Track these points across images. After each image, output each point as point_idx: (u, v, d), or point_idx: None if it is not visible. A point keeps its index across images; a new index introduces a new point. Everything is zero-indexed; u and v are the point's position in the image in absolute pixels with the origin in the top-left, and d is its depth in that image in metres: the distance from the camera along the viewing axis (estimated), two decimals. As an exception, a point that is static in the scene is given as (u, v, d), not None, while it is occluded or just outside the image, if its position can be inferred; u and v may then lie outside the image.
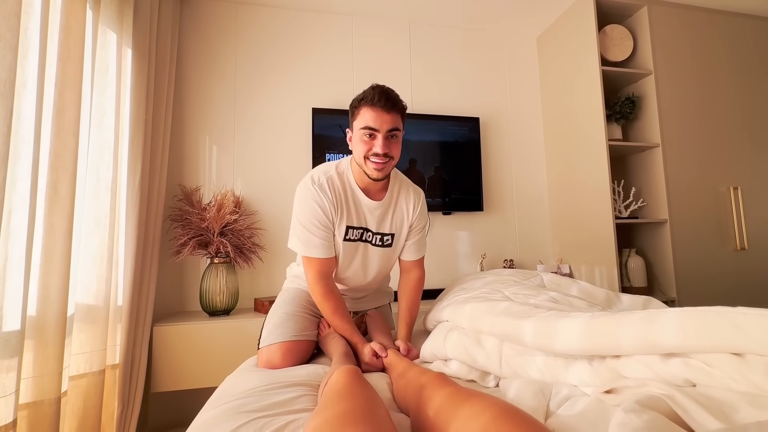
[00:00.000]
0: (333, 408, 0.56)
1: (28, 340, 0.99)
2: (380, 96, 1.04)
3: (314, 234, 1.11)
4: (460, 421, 0.53)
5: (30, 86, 0.99)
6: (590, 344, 0.66)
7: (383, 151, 1.06)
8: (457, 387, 0.64)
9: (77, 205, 1.17)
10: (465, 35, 2.47)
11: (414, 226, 1.26)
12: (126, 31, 1.50)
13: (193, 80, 2.04)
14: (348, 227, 1.16)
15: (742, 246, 2.01)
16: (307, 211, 1.12)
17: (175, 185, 1.91)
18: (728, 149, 2.11)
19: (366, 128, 1.05)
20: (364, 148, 1.07)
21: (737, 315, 0.51)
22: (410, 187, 1.27)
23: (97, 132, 1.37)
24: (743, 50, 2.22)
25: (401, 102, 1.09)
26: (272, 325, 1.12)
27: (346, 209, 1.15)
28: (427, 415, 0.62)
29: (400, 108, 1.09)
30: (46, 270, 1.04)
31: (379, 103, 1.04)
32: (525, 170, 2.48)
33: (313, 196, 1.11)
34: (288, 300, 1.21)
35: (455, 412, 0.55)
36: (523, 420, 0.49)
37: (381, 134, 1.05)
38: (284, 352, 1.04)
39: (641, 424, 0.42)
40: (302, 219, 1.12)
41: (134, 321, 1.49)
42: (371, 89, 1.06)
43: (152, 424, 1.76)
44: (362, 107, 1.06)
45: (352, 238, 1.18)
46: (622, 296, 1.16)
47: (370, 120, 1.05)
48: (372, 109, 1.05)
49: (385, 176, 1.13)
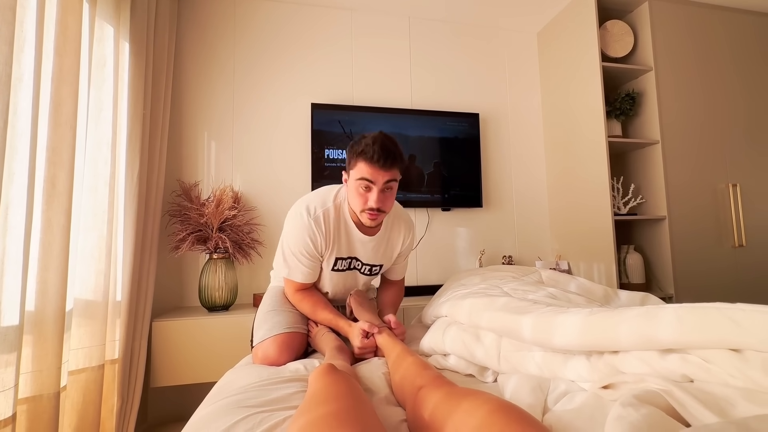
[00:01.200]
0: (317, 410, 0.56)
1: (27, 335, 0.99)
2: (380, 155, 1.01)
3: (301, 263, 1.14)
4: (457, 418, 0.53)
5: (26, 80, 0.98)
6: (588, 340, 0.66)
7: (377, 206, 1.05)
8: (453, 387, 0.64)
9: (75, 200, 1.16)
10: (465, 30, 2.46)
11: (401, 254, 1.30)
12: (123, 25, 1.49)
13: (192, 75, 2.03)
14: (337, 258, 1.18)
15: (740, 243, 2.02)
16: (299, 242, 1.12)
17: (173, 180, 1.91)
18: (727, 146, 2.11)
19: (362, 179, 1.04)
20: (360, 202, 1.07)
21: (736, 311, 0.51)
22: (402, 220, 1.27)
23: (95, 127, 1.37)
24: (744, 47, 2.21)
25: (401, 157, 1.07)
26: (263, 321, 1.14)
27: (337, 242, 1.16)
28: (422, 417, 0.62)
29: (398, 163, 1.06)
30: (44, 265, 1.04)
31: (378, 163, 1.01)
32: (524, 166, 2.48)
33: (307, 230, 1.10)
34: (275, 298, 1.24)
35: (451, 411, 0.55)
36: (518, 416, 0.49)
37: (377, 188, 1.04)
38: (279, 345, 1.05)
39: (638, 418, 0.42)
40: (292, 247, 1.13)
41: (133, 316, 1.49)
42: (372, 142, 1.02)
43: (152, 419, 1.77)
44: (360, 161, 1.03)
45: (340, 268, 1.21)
46: (620, 292, 1.17)
47: (367, 174, 1.03)
48: (369, 166, 1.02)
49: (378, 224, 1.17)
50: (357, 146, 1.05)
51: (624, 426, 0.41)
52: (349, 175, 1.10)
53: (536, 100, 2.54)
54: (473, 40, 2.47)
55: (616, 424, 0.42)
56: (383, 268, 1.29)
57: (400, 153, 1.06)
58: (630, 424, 0.41)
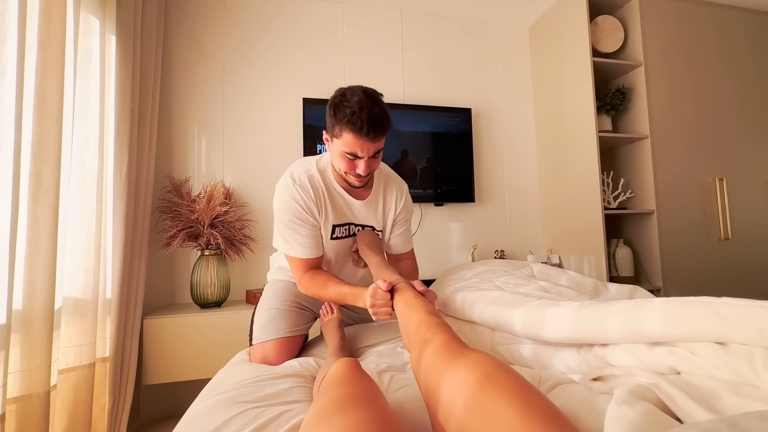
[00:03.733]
0: (333, 392, 0.57)
1: (15, 333, 0.97)
2: (369, 126, 0.92)
3: (299, 233, 1.05)
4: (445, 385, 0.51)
5: (9, 74, 0.95)
6: (578, 333, 0.67)
7: (365, 173, 1.00)
8: (448, 338, 0.60)
9: (62, 197, 1.14)
10: (457, 25, 2.45)
11: (398, 220, 1.21)
12: (109, 17, 1.46)
13: (181, 69, 1.99)
14: (334, 226, 1.12)
15: (726, 236, 2.06)
16: (289, 211, 1.05)
17: (163, 176, 1.88)
18: (715, 141, 2.15)
19: (349, 153, 0.97)
20: (346, 167, 1.00)
21: (721, 305, 0.52)
22: (394, 181, 1.21)
23: (82, 122, 1.34)
24: (732, 43, 2.24)
25: (389, 122, 0.98)
26: (264, 320, 1.11)
27: (331, 208, 1.10)
28: (419, 374, 0.60)
29: (387, 131, 0.99)
30: (31, 263, 1.02)
31: (367, 135, 0.93)
32: (516, 161, 2.49)
33: (294, 196, 1.04)
34: (276, 294, 1.19)
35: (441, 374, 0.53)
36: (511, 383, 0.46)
37: (364, 159, 0.98)
38: (279, 348, 1.04)
39: (635, 417, 0.43)
40: (285, 219, 1.06)
41: (124, 314, 1.47)
42: (359, 110, 0.92)
43: (144, 417, 1.76)
44: (346, 130, 0.94)
45: (339, 236, 1.14)
46: (609, 285, 1.19)
47: (355, 147, 0.96)
48: (357, 138, 0.94)
49: (366, 183, 1.09)
50: (340, 111, 0.94)
51: (623, 426, 0.42)
52: (331, 140, 1.01)
53: (528, 95, 2.55)
54: (465, 35, 2.46)
55: (614, 425, 0.43)
56: (384, 234, 1.21)
57: (389, 117, 0.98)
58: (628, 424, 0.42)
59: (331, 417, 0.50)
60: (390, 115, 0.99)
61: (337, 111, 0.95)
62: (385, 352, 1.06)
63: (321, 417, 0.51)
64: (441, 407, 0.51)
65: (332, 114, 0.97)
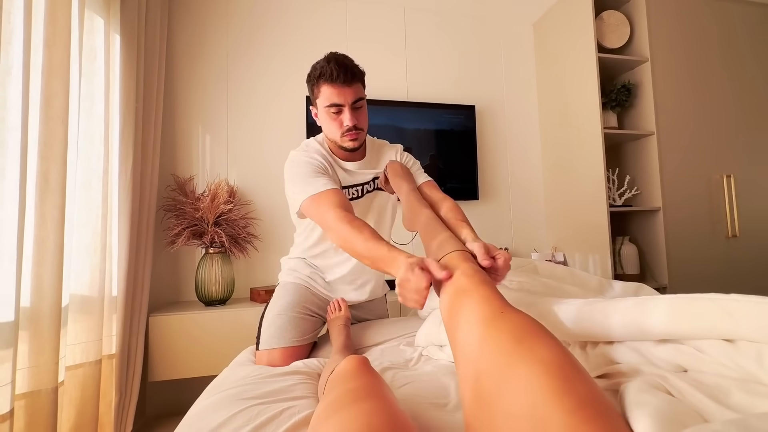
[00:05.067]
0: (343, 386, 0.57)
1: (23, 331, 0.99)
2: (339, 71, 1.00)
3: (318, 179, 1.02)
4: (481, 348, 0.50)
5: (15, 74, 0.96)
6: (582, 329, 0.67)
7: (352, 123, 1.05)
8: (488, 292, 0.58)
9: (69, 196, 1.15)
10: (461, 21, 2.44)
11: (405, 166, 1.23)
12: (113, 17, 1.46)
13: (184, 68, 2.00)
14: (343, 187, 1.15)
15: (733, 233, 2.04)
16: (305, 167, 1.05)
17: (168, 175, 1.89)
18: (722, 137, 2.12)
19: (331, 105, 1.03)
20: (335, 126, 1.06)
21: (730, 302, 0.51)
22: (386, 145, 1.28)
23: (87, 120, 1.35)
24: (740, 38, 2.21)
25: (360, 70, 1.06)
26: (274, 328, 1.10)
27: (334, 173, 1.14)
28: (453, 327, 0.59)
29: (359, 77, 1.06)
30: (39, 261, 1.03)
31: (338, 79, 1.00)
32: (520, 158, 2.48)
33: (307, 155, 1.09)
34: (287, 297, 1.17)
35: (477, 333, 0.52)
36: (548, 350, 0.43)
37: (347, 108, 1.04)
38: (286, 357, 1.05)
39: (660, 403, 0.42)
40: (302, 174, 1.04)
41: (129, 311, 1.48)
42: (326, 62, 1.01)
43: (150, 413, 1.77)
44: (322, 84, 1.03)
45: (354, 196, 1.17)
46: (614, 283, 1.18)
47: (333, 96, 1.02)
48: (332, 86, 1.01)
49: (361, 144, 1.14)
50: (314, 72, 1.04)
51: (651, 411, 0.41)
52: (317, 106, 1.09)
53: (532, 91, 2.53)
54: (469, 32, 2.45)
55: (641, 412, 0.41)
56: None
57: (357, 65, 1.06)
58: (656, 409, 0.41)
59: (342, 409, 0.50)
60: (360, 67, 1.07)
61: (312, 73, 1.06)
62: (387, 350, 1.06)
63: (333, 409, 0.51)
64: (472, 368, 0.49)
65: (309, 79, 1.07)
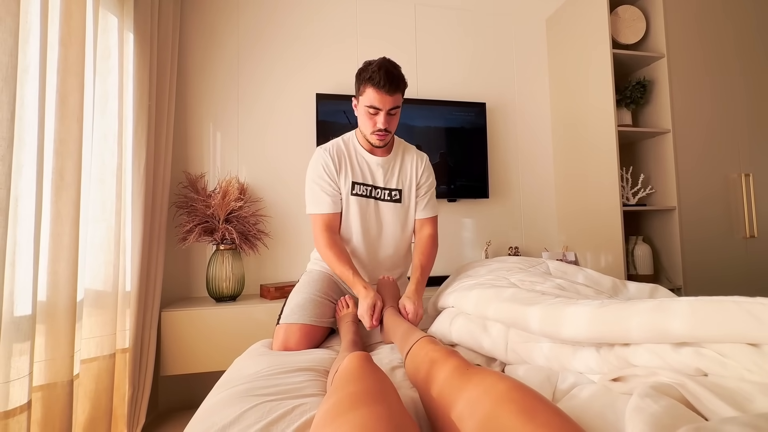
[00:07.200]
0: (344, 390, 0.57)
1: (40, 324, 1.01)
2: (385, 80, 1.14)
3: (322, 189, 1.26)
4: (461, 405, 0.52)
5: (32, 72, 0.98)
6: (598, 332, 0.65)
7: (384, 126, 1.20)
8: (460, 363, 0.62)
9: (83, 192, 1.17)
10: (472, 17, 2.41)
11: (421, 185, 1.37)
12: (127, 15, 1.48)
13: (196, 65, 2.01)
14: (354, 183, 1.28)
15: (751, 234, 1.99)
16: (315, 171, 1.27)
17: (179, 172, 1.91)
18: (740, 135, 2.06)
19: (371, 107, 1.18)
20: (369, 124, 1.21)
21: (755, 305, 0.50)
22: (414, 150, 1.39)
23: (101, 118, 1.37)
24: (758, 34, 2.14)
25: (404, 82, 1.20)
26: (294, 304, 1.17)
27: (350, 165, 1.29)
28: (431, 395, 0.61)
29: (402, 89, 1.20)
30: (55, 256, 1.05)
31: (384, 88, 1.14)
32: (531, 157, 2.45)
33: (319, 158, 1.28)
34: (311, 282, 1.27)
35: (457, 394, 0.55)
36: (531, 400, 0.46)
37: (383, 112, 1.18)
38: (302, 334, 1.09)
39: (658, 409, 0.42)
40: (313, 177, 1.28)
41: (143, 306, 1.51)
42: (378, 69, 1.14)
43: (162, 406, 1.80)
44: (368, 86, 1.16)
45: (359, 193, 1.29)
46: (628, 284, 1.16)
47: (375, 101, 1.16)
48: (376, 92, 1.15)
49: (386, 144, 1.28)
50: (364, 73, 1.17)
51: (644, 417, 0.40)
52: (358, 101, 1.23)
53: (544, 88, 2.49)
54: (480, 28, 2.42)
55: (635, 416, 0.41)
56: (403, 195, 1.34)
57: (404, 78, 1.20)
58: (651, 416, 0.40)
59: (341, 415, 0.50)
60: (405, 78, 1.21)
61: (362, 73, 1.19)
62: (397, 348, 1.06)
63: (332, 415, 0.51)
64: (453, 427, 0.52)
65: (358, 76, 1.21)
